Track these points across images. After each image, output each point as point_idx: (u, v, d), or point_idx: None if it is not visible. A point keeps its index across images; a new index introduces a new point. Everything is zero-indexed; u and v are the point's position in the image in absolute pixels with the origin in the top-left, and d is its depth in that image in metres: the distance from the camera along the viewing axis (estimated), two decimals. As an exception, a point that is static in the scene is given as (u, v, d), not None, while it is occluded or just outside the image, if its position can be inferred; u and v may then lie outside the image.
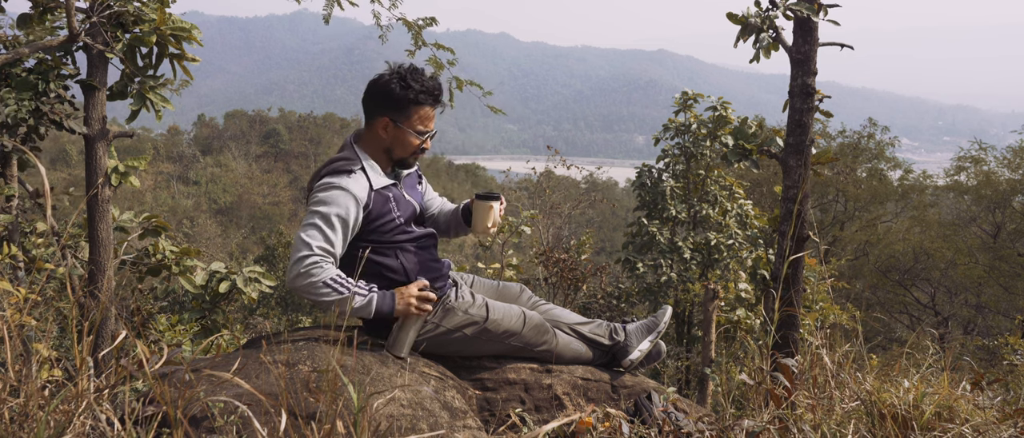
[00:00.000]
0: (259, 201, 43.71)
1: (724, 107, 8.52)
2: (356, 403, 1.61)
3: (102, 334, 3.46)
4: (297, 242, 2.22)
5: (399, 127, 2.40)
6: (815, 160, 3.65)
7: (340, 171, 2.34)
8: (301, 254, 2.20)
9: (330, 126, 56.34)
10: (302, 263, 2.19)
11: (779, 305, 3.40)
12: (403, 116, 2.39)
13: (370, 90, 2.43)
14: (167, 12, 3.41)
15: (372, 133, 2.44)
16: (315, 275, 2.19)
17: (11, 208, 3.58)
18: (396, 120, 2.39)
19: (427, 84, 2.40)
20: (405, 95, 2.37)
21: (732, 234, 9.37)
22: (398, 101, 2.37)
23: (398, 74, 2.39)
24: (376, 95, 2.41)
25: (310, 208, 2.29)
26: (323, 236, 2.24)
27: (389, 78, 2.39)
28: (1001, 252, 17.78)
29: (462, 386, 2.40)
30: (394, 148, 2.43)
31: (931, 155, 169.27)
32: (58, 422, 1.61)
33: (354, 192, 2.31)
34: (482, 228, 2.60)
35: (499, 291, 2.78)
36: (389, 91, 2.38)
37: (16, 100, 3.22)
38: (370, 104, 2.43)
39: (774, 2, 3.41)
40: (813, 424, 1.91)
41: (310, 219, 2.26)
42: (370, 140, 2.45)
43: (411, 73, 2.39)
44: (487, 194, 2.61)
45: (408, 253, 2.45)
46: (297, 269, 2.20)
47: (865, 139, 20.49)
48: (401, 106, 2.38)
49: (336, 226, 2.26)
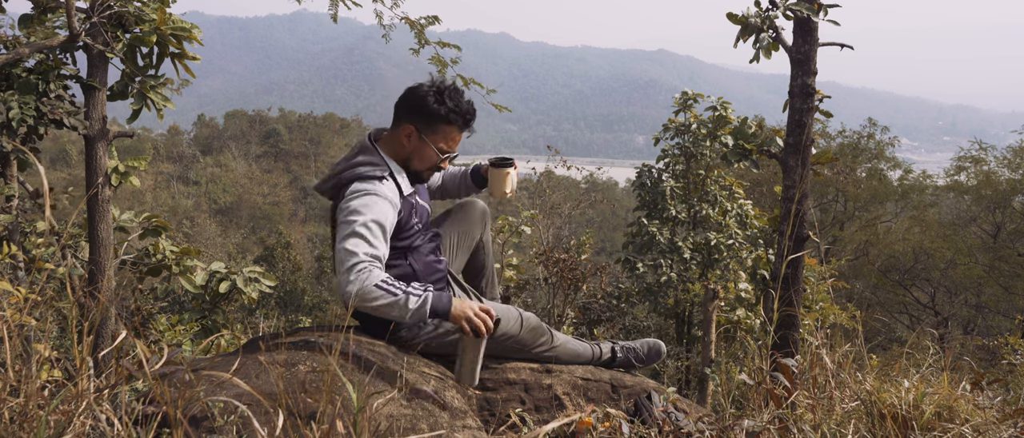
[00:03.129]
0: (259, 201, 43.71)
1: (724, 107, 8.52)
2: (356, 403, 1.61)
3: (102, 334, 3.46)
4: (341, 254, 2.14)
5: (422, 140, 2.38)
6: (815, 160, 3.65)
7: (370, 177, 2.30)
8: (349, 263, 2.11)
9: (330, 126, 56.35)
10: (351, 271, 2.10)
11: (779, 305, 3.40)
12: (430, 130, 2.38)
13: (406, 96, 2.41)
14: (167, 12, 3.41)
15: (395, 138, 2.41)
16: (364, 280, 2.10)
17: (11, 208, 3.58)
18: (422, 132, 2.38)
19: (462, 106, 2.39)
20: (438, 110, 2.35)
21: (732, 234, 9.37)
22: (430, 114, 2.36)
23: (437, 88, 2.37)
24: (410, 103, 2.38)
25: (346, 217, 2.21)
26: (366, 243, 2.17)
27: (427, 90, 2.37)
28: (1001, 252, 17.78)
29: (462, 386, 2.40)
30: (413, 159, 2.42)
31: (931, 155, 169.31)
32: (58, 422, 1.61)
33: (389, 198, 2.28)
34: (500, 193, 2.61)
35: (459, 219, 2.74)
36: (424, 102, 2.35)
37: (19, 103, 3.22)
38: (402, 109, 2.41)
39: (774, 2, 3.41)
40: (813, 424, 1.91)
41: (349, 228, 2.18)
42: (391, 144, 2.43)
43: (450, 91, 2.38)
44: (501, 160, 2.62)
45: (417, 255, 2.45)
46: (346, 278, 2.11)
47: (865, 139, 20.49)
48: (431, 120, 2.36)
49: (376, 232, 2.20)
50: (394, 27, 5.03)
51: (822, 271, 6.71)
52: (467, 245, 2.76)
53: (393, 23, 5.01)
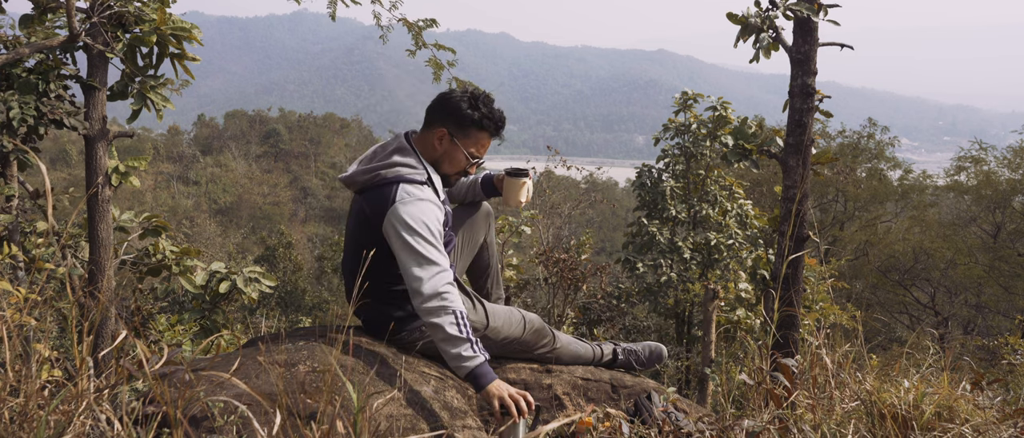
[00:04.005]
0: (259, 201, 43.72)
1: (724, 107, 8.52)
2: (356, 403, 1.61)
3: (102, 334, 3.46)
4: (423, 267, 2.17)
5: (454, 143, 2.43)
6: (815, 160, 3.65)
7: (415, 181, 2.33)
8: (437, 284, 2.16)
9: (330, 126, 56.37)
10: (439, 298, 2.15)
11: (779, 305, 3.40)
12: (462, 134, 2.43)
13: (440, 100, 2.47)
14: (167, 12, 3.41)
15: (427, 141, 2.45)
16: (451, 303, 2.16)
17: (11, 208, 3.58)
18: (454, 135, 2.43)
19: (494, 113, 2.47)
20: (471, 115, 2.42)
21: (732, 234, 9.37)
22: (463, 119, 2.42)
23: (471, 95, 2.45)
24: (444, 107, 2.44)
25: (412, 224, 2.22)
26: (441, 254, 2.22)
27: (461, 96, 2.44)
28: (1001, 252, 17.78)
29: (462, 386, 2.40)
30: (443, 161, 2.46)
31: (931, 155, 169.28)
32: (58, 422, 1.61)
33: (436, 202, 2.34)
34: (515, 202, 2.70)
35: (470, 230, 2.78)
36: (458, 106, 2.42)
37: (19, 103, 3.22)
38: (436, 112, 2.46)
39: (774, 2, 3.41)
40: (813, 424, 1.91)
41: (422, 239, 2.21)
42: (422, 146, 2.46)
43: (483, 97, 2.47)
44: (516, 171, 2.71)
45: None
46: (438, 303, 2.14)
47: (865, 139, 20.50)
48: (463, 124, 2.42)
49: (439, 239, 2.25)
50: (392, 28, 5.02)
51: (822, 271, 6.71)
52: (471, 248, 2.77)
53: (391, 24, 5.00)
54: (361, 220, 2.37)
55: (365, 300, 2.38)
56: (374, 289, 2.37)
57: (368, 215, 2.33)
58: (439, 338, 2.16)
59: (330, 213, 44.82)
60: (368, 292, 2.34)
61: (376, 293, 2.39)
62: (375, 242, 2.29)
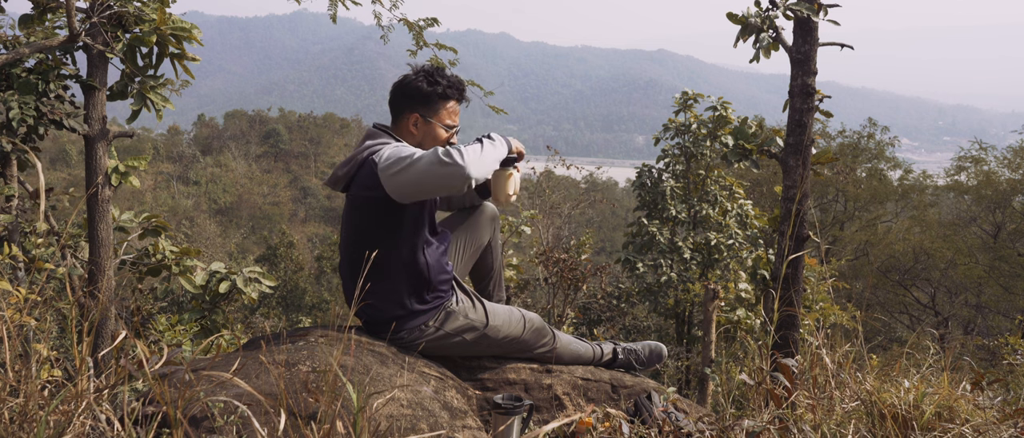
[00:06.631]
0: (259, 201, 43.72)
1: (724, 107, 8.53)
2: (356, 403, 1.61)
3: (102, 334, 3.46)
4: (428, 158, 2.13)
5: (429, 122, 2.46)
6: (815, 160, 3.65)
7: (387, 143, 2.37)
8: (439, 155, 2.10)
9: (330, 126, 56.35)
10: (449, 155, 2.10)
11: (779, 305, 3.40)
12: (432, 111, 2.46)
13: (398, 89, 2.48)
14: (167, 12, 3.41)
15: (402, 130, 2.48)
16: (460, 150, 2.13)
17: (11, 208, 3.58)
18: (426, 115, 2.46)
19: (452, 80, 2.49)
20: (434, 91, 2.44)
21: (732, 234, 9.37)
22: (427, 97, 2.44)
23: (425, 71, 2.47)
24: (405, 93, 2.46)
25: (398, 154, 2.20)
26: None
27: (416, 76, 2.46)
28: (1001, 252, 17.78)
29: (462, 386, 2.40)
30: (425, 143, 2.48)
31: (931, 155, 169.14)
32: (58, 422, 1.61)
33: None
34: (503, 198, 2.47)
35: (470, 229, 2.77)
36: (418, 88, 2.44)
37: (19, 103, 3.22)
38: (400, 102, 2.47)
39: (774, 2, 3.41)
40: (813, 424, 1.91)
41: (407, 152, 2.19)
42: (402, 137, 2.48)
43: (437, 71, 2.48)
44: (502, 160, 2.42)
45: (431, 251, 2.45)
46: (456, 159, 2.09)
47: (865, 139, 20.50)
48: (430, 101, 2.45)
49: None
50: (393, 28, 5.03)
51: (822, 271, 6.71)
52: (473, 250, 2.77)
53: (392, 24, 5.01)
54: (358, 204, 2.35)
55: (366, 300, 2.38)
56: (375, 288, 2.37)
57: (365, 193, 2.31)
58: (490, 158, 2.22)
59: (330, 213, 44.83)
60: (370, 292, 2.34)
61: (377, 292, 2.39)
62: (378, 219, 2.29)
